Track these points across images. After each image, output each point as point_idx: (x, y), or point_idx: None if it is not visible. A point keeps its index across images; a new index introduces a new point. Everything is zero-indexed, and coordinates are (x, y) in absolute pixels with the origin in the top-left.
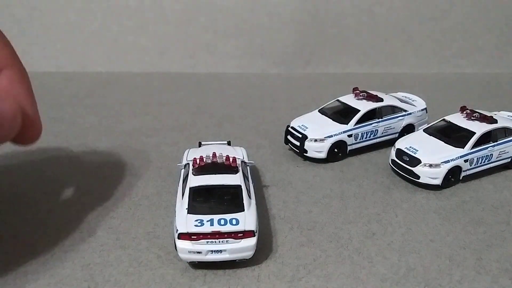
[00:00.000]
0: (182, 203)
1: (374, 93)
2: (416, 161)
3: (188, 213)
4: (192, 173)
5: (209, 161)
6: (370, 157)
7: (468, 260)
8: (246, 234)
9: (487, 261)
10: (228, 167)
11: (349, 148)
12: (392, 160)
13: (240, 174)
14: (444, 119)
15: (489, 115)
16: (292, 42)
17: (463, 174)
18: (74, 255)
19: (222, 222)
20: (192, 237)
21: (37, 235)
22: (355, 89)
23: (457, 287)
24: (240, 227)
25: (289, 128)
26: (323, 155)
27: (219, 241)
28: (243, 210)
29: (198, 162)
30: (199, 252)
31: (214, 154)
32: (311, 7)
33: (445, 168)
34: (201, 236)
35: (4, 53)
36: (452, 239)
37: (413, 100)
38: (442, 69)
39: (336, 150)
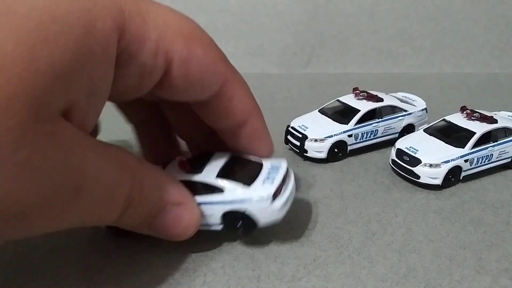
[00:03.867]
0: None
1: (374, 93)
2: (416, 161)
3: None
4: (190, 172)
5: (185, 159)
6: (370, 157)
7: (468, 260)
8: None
9: (487, 261)
10: (205, 155)
11: (349, 148)
12: (392, 160)
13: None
14: (444, 119)
15: (489, 115)
16: (292, 42)
17: (463, 174)
18: (74, 255)
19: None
20: None
21: (38, 235)
22: (355, 89)
23: (457, 287)
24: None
25: (289, 128)
26: (323, 155)
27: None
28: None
29: (184, 161)
30: None
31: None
32: (311, 7)
33: (445, 168)
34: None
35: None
36: (452, 239)
37: (413, 100)
38: (442, 69)
39: (336, 150)
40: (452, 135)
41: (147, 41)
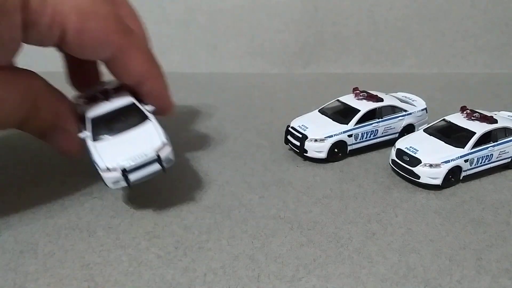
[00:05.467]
0: None
1: (374, 93)
2: (416, 161)
3: None
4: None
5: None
6: (370, 157)
7: (468, 260)
8: None
9: (487, 261)
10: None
11: (349, 148)
12: (392, 160)
13: None
14: (444, 119)
15: (489, 115)
16: (292, 42)
17: (463, 174)
18: (74, 255)
19: None
20: None
21: (37, 234)
22: (355, 89)
23: (457, 287)
24: None
25: (289, 128)
26: (323, 155)
27: None
28: None
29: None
30: None
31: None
32: (311, 7)
33: (445, 168)
34: None
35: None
36: (452, 239)
37: (413, 100)
38: (442, 69)
39: (336, 150)
40: (452, 135)
41: (43, 16)
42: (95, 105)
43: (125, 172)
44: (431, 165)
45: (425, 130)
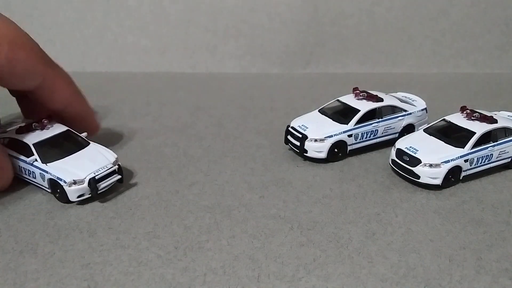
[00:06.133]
0: None
1: (374, 93)
2: (416, 161)
3: None
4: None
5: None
6: (370, 157)
7: (468, 260)
8: None
9: (487, 261)
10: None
11: (349, 148)
12: (392, 160)
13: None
14: (444, 119)
15: (489, 115)
16: (292, 42)
17: (463, 174)
18: (74, 255)
19: None
20: None
21: (37, 235)
22: (355, 89)
23: (457, 287)
24: None
25: (289, 128)
26: (323, 155)
27: None
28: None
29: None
30: None
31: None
32: (311, 7)
33: (445, 168)
34: None
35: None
36: (452, 239)
37: (413, 100)
38: (442, 69)
39: (336, 150)
40: (452, 135)
41: None
42: (31, 133)
43: (93, 182)
44: (431, 165)
45: (425, 130)
